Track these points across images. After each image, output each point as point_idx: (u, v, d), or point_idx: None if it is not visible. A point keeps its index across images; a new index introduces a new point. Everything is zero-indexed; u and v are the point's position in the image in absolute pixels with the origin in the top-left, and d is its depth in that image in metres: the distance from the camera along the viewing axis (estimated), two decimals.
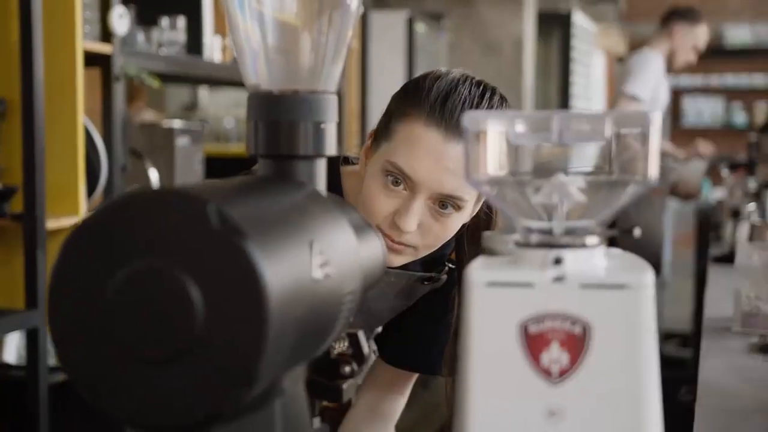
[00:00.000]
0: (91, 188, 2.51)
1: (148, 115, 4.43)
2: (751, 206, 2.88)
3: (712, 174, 6.61)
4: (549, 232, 0.68)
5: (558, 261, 0.65)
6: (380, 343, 1.51)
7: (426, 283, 1.41)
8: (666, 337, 5.20)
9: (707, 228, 4.36)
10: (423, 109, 1.22)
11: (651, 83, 4.33)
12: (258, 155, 0.75)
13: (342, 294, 0.70)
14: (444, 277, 1.42)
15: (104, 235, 0.59)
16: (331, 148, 0.76)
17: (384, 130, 1.27)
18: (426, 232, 1.25)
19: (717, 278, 2.53)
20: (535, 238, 0.67)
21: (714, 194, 5.86)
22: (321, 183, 0.76)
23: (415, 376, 1.54)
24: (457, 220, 1.26)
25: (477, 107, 1.23)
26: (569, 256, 0.66)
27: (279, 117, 0.74)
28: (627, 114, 0.66)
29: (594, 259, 0.67)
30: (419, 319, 1.46)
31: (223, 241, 0.57)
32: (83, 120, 2.47)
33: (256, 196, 0.66)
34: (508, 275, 0.65)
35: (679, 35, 4.44)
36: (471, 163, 0.67)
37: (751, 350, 1.68)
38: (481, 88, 1.26)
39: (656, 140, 0.64)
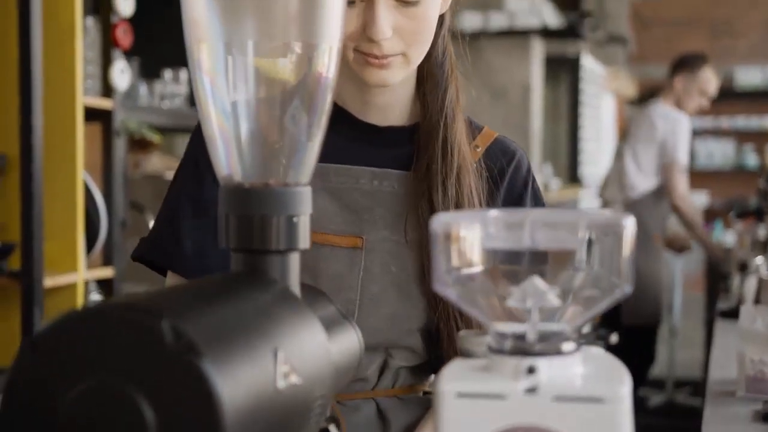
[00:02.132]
0: (90, 244, 2.49)
1: (156, 160, 4.42)
2: (759, 260, 2.84)
3: (723, 218, 6.58)
4: (523, 336, 0.65)
5: (531, 370, 0.63)
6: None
7: None
8: (677, 385, 5.14)
9: (716, 277, 4.32)
10: None
11: (688, 145, 4.39)
12: (230, 249, 0.73)
13: (311, 399, 0.67)
14: None
15: (56, 351, 0.57)
16: (305, 241, 0.74)
17: None
18: (404, 33, 1.16)
19: (724, 335, 2.49)
20: (508, 344, 0.65)
21: (725, 237, 5.82)
22: (294, 278, 0.74)
23: None
24: (429, 7, 1.17)
25: None
26: (543, 364, 0.63)
27: (250, 211, 0.72)
28: (600, 219, 0.64)
29: (569, 366, 0.64)
30: None
31: (178, 360, 0.55)
32: (83, 176, 2.46)
33: (218, 303, 0.64)
34: (479, 386, 0.63)
35: (681, 84, 4.44)
36: (439, 267, 0.65)
37: (754, 418, 1.64)
38: None
39: (630, 245, 0.62)
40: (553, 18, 5.70)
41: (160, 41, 2.97)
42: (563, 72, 6.98)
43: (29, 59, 2.31)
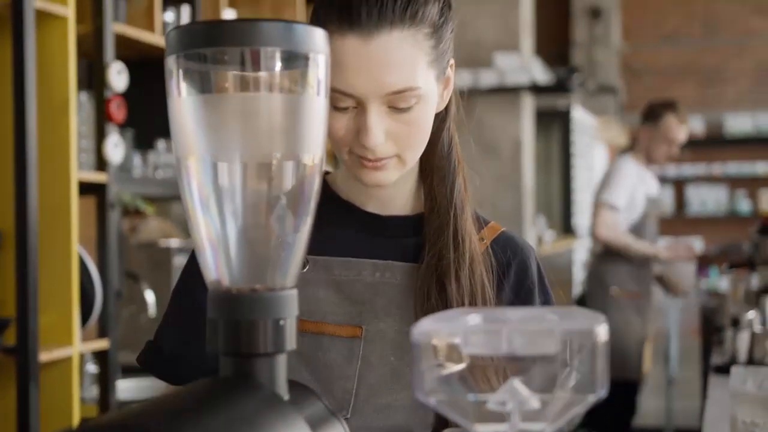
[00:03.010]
0: (85, 316, 2.51)
1: (153, 224, 4.43)
2: (751, 314, 2.86)
3: (718, 265, 6.59)
4: None
5: None
6: None
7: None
8: None
9: (710, 328, 4.33)
10: (331, 20, 1.13)
11: (626, 190, 4.38)
12: (218, 353, 0.75)
13: None
14: None
15: None
16: (291, 343, 0.76)
17: None
18: (398, 137, 1.16)
19: (717, 391, 2.50)
20: None
21: (719, 283, 5.83)
22: (281, 379, 0.76)
23: None
24: (423, 111, 1.17)
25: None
26: None
27: (238, 316, 0.74)
28: (574, 328, 0.66)
29: None
30: None
31: None
32: (77, 249, 2.48)
33: (206, 414, 0.66)
34: None
35: (645, 135, 4.50)
36: (419, 374, 0.67)
37: None
38: None
39: (603, 354, 0.64)
40: (542, 74, 5.77)
41: (152, 112, 3.00)
42: (554, 124, 7.04)
43: (24, 134, 2.34)
